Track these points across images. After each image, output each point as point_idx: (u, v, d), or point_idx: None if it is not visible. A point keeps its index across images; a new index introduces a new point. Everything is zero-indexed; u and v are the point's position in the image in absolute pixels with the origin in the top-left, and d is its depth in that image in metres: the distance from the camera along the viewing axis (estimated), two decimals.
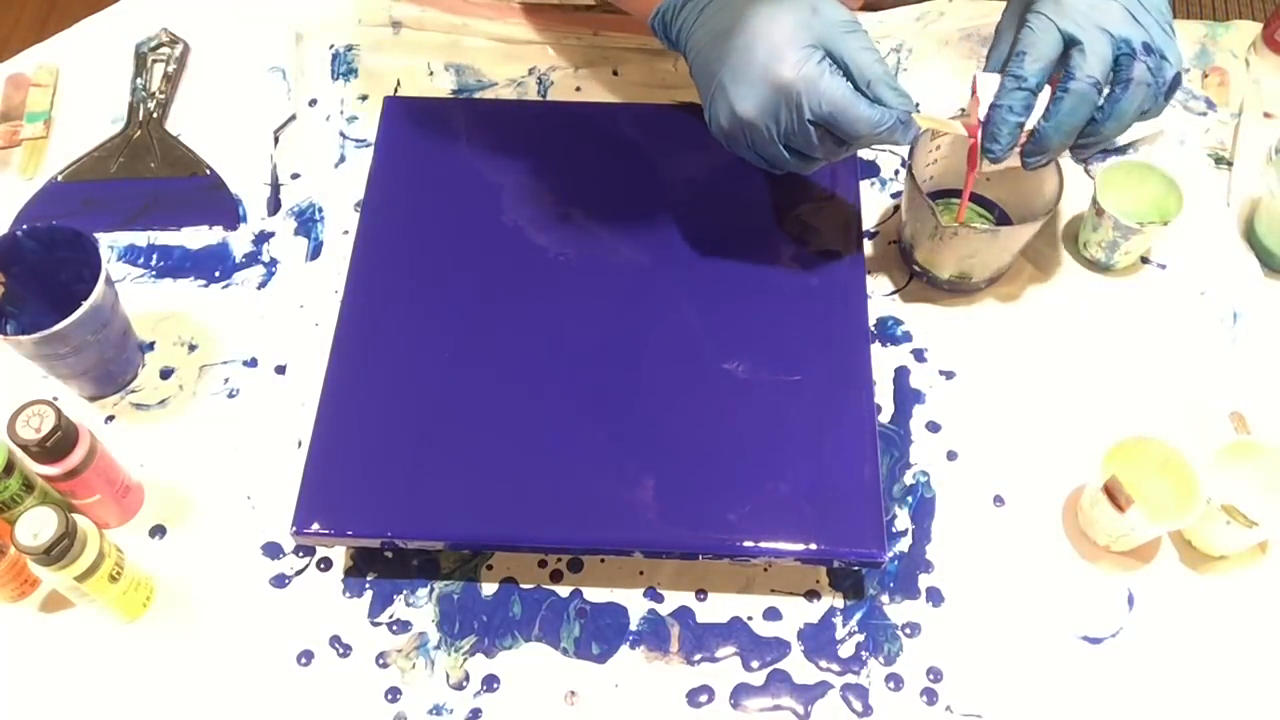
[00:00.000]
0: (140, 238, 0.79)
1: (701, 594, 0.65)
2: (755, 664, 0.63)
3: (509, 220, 0.73)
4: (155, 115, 0.84)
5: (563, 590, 0.66)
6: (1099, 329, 0.75)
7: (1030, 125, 0.62)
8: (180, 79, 0.87)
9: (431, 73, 0.87)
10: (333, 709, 0.62)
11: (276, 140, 0.84)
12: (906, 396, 0.72)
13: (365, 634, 0.64)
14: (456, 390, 0.66)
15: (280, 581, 0.66)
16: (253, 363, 0.74)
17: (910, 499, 0.68)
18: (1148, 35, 0.60)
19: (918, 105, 0.62)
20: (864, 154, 0.82)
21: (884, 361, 0.73)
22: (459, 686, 0.63)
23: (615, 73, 0.87)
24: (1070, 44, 0.60)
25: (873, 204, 0.80)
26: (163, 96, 0.85)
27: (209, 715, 0.62)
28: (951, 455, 0.70)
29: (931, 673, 0.63)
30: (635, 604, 0.65)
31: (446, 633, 0.64)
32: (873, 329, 0.74)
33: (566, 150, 0.76)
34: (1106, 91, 0.61)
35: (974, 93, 0.64)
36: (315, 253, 0.79)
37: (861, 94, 0.61)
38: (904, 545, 0.67)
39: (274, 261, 0.78)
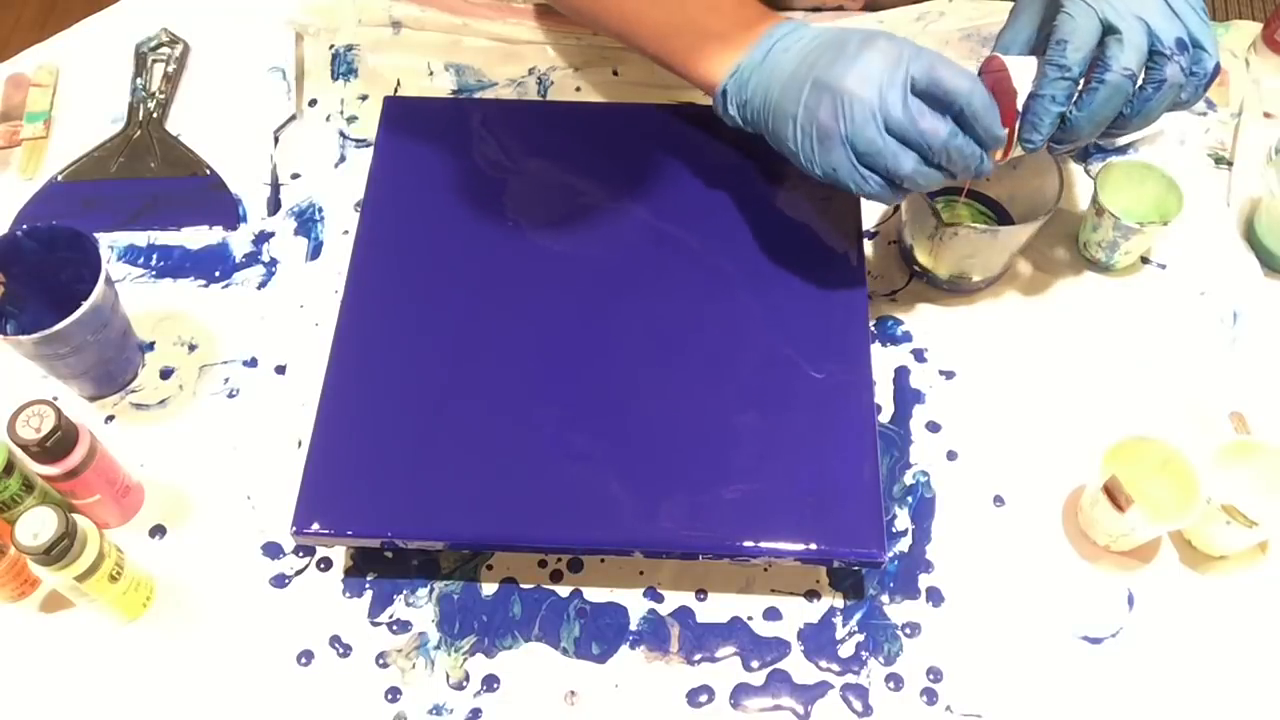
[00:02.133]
0: (140, 238, 0.79)
1: (701, 594, 0.65)
2: (755, 664, 0.63)
3: (509, 220, 0.73)
4: (155, 115, 0.84)
5: (563, 590, 0.66)
6: (1099, 329, 0.75)
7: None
8: (180, 79, 0.87)
9: (431, 73, 0.87)
10: (333, 709, 0.62)
11: (276, 140, 0.84)
12: (906, 396, 0.72)
13: (365, 634, 0.64)
14: (456, 390, 0.66)
15: (280, 581, 0.66)
16: (253, 363, 0.74)
17: (910, 499, 0.68)
18: (1184, 27, 0.59)
19: None
20: None
21: (884, 361, 0.73)
22: (459, 686, 0.63)
23: (615, 73, 0.87)
24: (1108, 32, 0.58)
25: (873, 204, 0.80)
26: (163, 96, 0.85)
27: (209, 715, 0.62)
28: (951, 455, 0.70)
29: (931, 673, 0.63)
30: (635, 604, 0.65)
31: (446, 633, 0.64)
32: (873, 329, 0.74)
33: (566, 150, 0.76)
34: (1140, 89, 0.60)
35: (997, 81, 0.61)
36: (315, 253, 0.79)
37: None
38: (904, 545, 0.67)
39: (274, 261, 0.78)
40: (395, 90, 0.86)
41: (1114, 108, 0.60)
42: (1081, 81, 0.59)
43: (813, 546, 0.61)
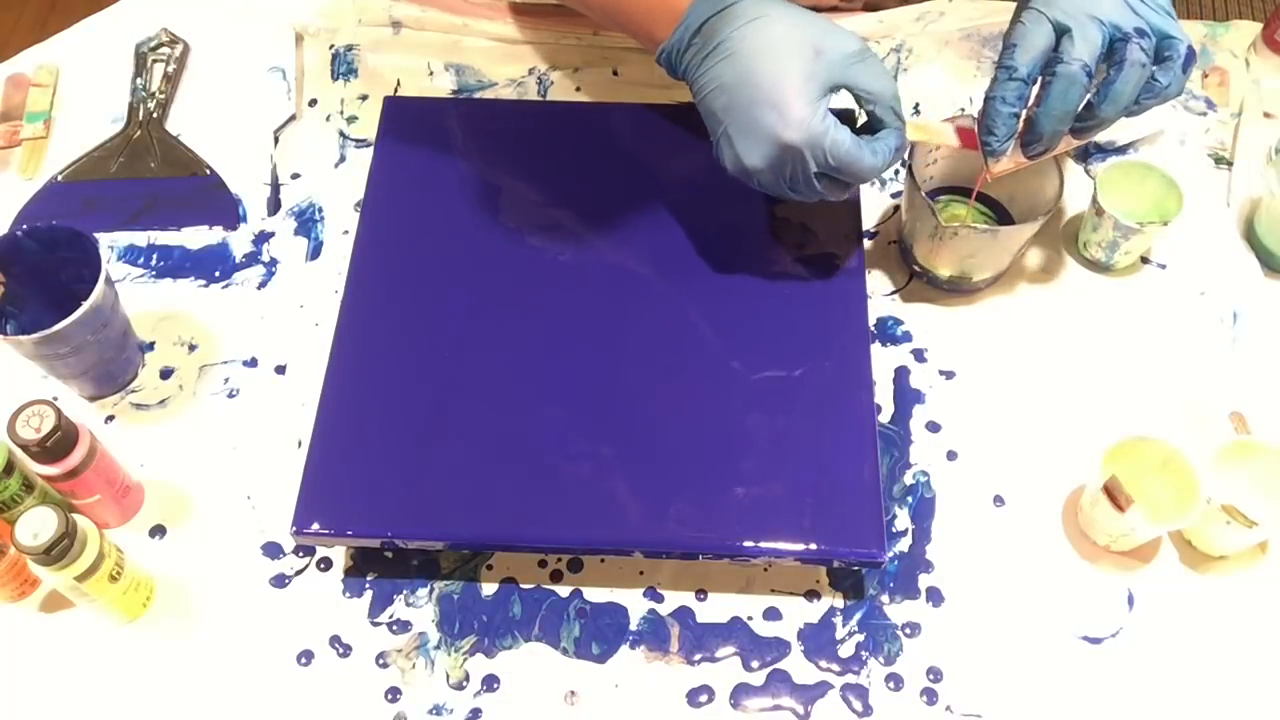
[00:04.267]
0: (140, 238, 0.79)
1: (701, 594, 0.65)
2: (755, 664, 0.63)
3: (509, 220, 0.73)
4: (155, 115, 0.84)
5: (563, 590, 0.66)
6: (1099, 329, 0.75)
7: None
8: (180, 79, 0.87)
9: (431, 73, 0.87)
10: (333, 709, 0.62)
11: (276, 140, 0.84)
12: (906, 396, 0.72)
13: (365, 634, 0.64)
14: (456, 390, 0.66)
15: (280, 581, 0.66)
16: (253, 363, 0.74)
17: (910, 499, 0.68)
18: (1143, 21, 0.60)
19: (916, 107, 0.62)
20: None
21: (884, 361, 0.73)
22: (459, 686, 0.63)
23: (615, 73, 0.87)
24: (1061, 33, 0.60)
25: (873, 204, 0.80)
26: (163, 96, 0.85)
27: (209, 715, 0.62)
28: (951, 455, 0.70)
29: (931, 673, 0.63)
30: (635, 604, 0.65)
31: (446, 633, 0.64)
32: (873, 329, 0.74)
33: (566, 150, 0.76)
34: (1102, 76, 0.61)
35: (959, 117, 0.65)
36: (315, 253, 0.79)
37: (868, 129, 0.62)
38: (904, 545, 0.67)
39: (274, 261, 0.78)
40: (395, 90, 0.86)
41: (1072, 100, 0.61)
42: (1038, 83, 0.61)
43: (813, 546, 0.61)
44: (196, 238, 0.79)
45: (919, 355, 0.74)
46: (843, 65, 0.60)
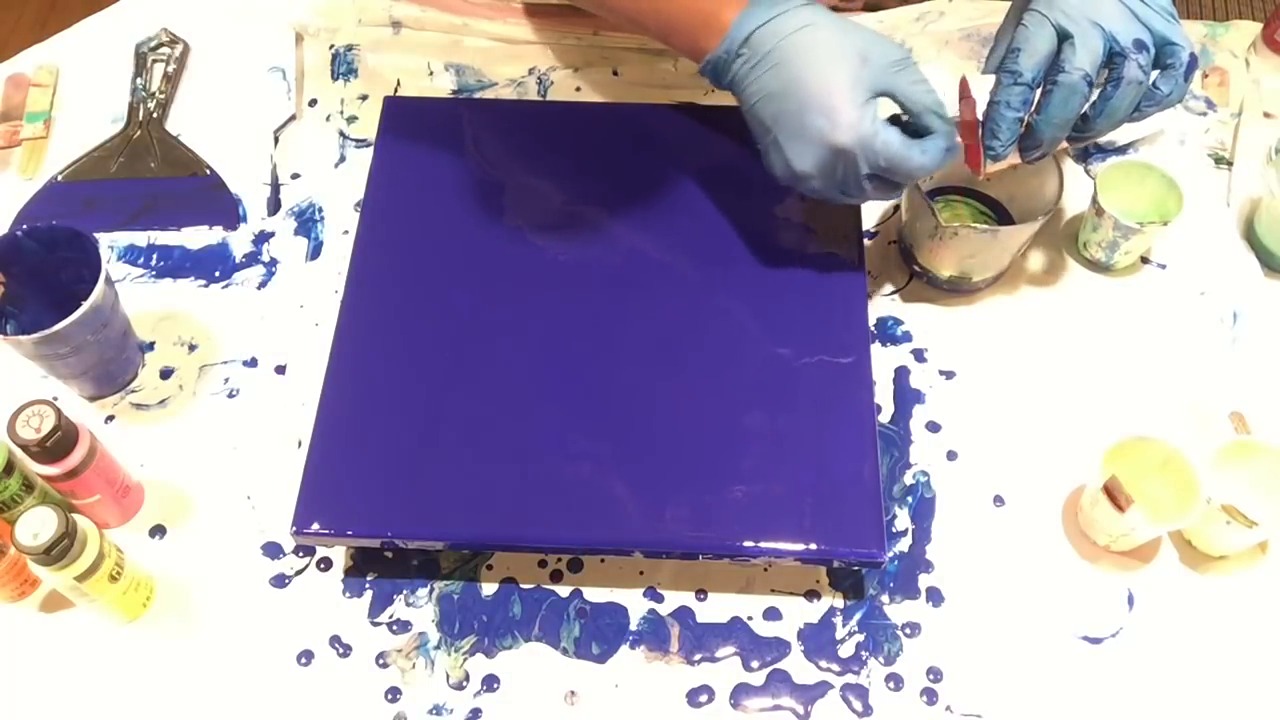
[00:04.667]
0: (140, 238, 0.79)
1: (701, 594, 0.65)
2: (755, 664, 0.63)
3: (509, 220, 0.73)
4: (155, 115, 0.84)
5: (563, 590, 0.66)
6: (1099, 329, 0.75)
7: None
8: (180, 79, 0.87)
9: (431, 73, 0.87)
10: (333, 709, 0.62)
11: (276, 140, 0.84)
12: (906, 396, 0.72)
13: (365, 634, 0.64)
14: (456, 390, 0.66)
15: (280, 581, 0.66)
16: (253, 363, 0.74)
17: (910, 499, 0.68)
18: (1145, 29, 0.60)
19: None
20: None
21: (884, 361, 0.73)
22: (459, 686, 0.63)
23: (615, 73, 0.87)
24: (1063, 38, 0.60)
25: (873, 204, 0.80)
26: (163, 96, 0.85)
27: (209, 715, 0.62)
28: (951, 455, 0.70)
29: (931, 673, 0.63)
30: (635, 604, 0.65)
31: (446, 633, 0.64)
32: (873, 329, 0.74)
33: (566, 150, 0.76)
34: (1100, 90, 0.61)
35: (964, 95, 0.65)
36: (315, 253, 0.79)
37: (912, 133, 0.63)
38: (904, 545, 0.67)
39: (274, 261, 0.78)
40: (395, 90, 0.86)
41: (1072, 109, 0.61)
42: (1040, 89, 0.61)
43: (813, 546, 0.61)
44: (196, 238, 0.79)
45: (919, 355, 0.74)
46: (888, 72, 0.61)
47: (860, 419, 0.64)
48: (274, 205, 0.81)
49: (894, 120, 0.64)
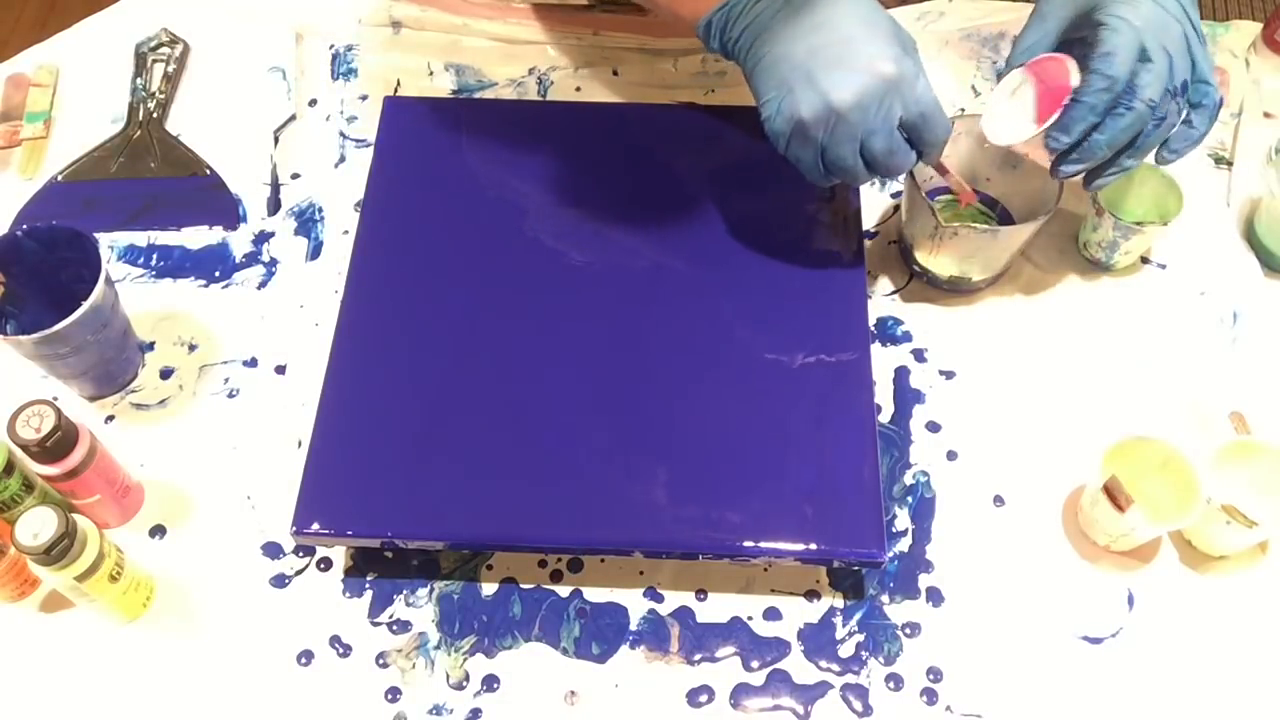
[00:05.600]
0: (140, 238, 0.79)
1: (701, 594, 0.65)
2: (755, 664, 0.63)
3: (508, 220, 0.73)
4: (155, 115, 0.84)
5: (563, 590, 0.66)
6: (1099, 329, 0.75)
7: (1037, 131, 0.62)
8: (180, 79, 0.87)
9: (431, 73, 0.87)
10: (333, 709, 0.62)
11: (276, 140, 0.84)
12: (906, 396, 0.72)
13: (365, 634, 0.64)
14: (456, 390, 0.66)
15: (280, 581, 0.66)
16: (253, 363, 0.74)
17: (910, 499, 0.68)
18: (1198, 66, 0.60)
19: None
20: None
21: (884, 361, 0.73)
22: (459, 686, 0.63)
23: (615, 73, 0.87)
24: (1141, 58, 0.59)
25: (873, 204, 0.80)
26: (163, 96, 0.85)
27: (209, 715, 0.62)
28: (951, 455, 0.70)
29: (931, 673, 0.63)
30: (635, 604, 0.65)
31: (446, 633, 0.64)
32: (873, 329, 0.74)
33: (566, 150, 0.76)
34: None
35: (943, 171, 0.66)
36: (315, 253, 0.79)
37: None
38: (904, 545, 0.67)
39: (274, 261, 0.78)
40: (395, 90, 0.86)
41: (1129, 136, 0.60)
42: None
43: (813, 546, 0.61)
44: (196, 238, 0.79)
45: (919, 355, 0.74)
46: (911, 45, 0.61)
47: (860, 419, 0.64)
48: (274, 205, 0.81)
49: None
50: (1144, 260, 0.78)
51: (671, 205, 0.73)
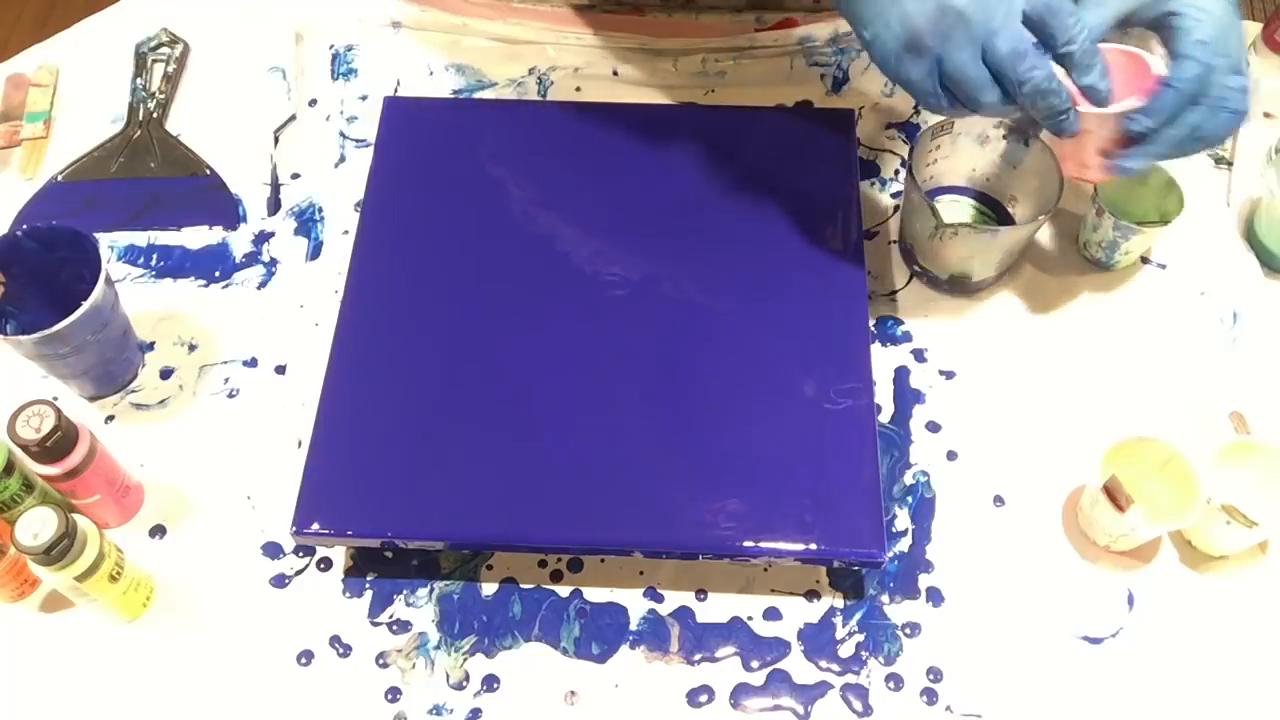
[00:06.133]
0: (140, 238, 0.79)
1: (701, 594, 0.65)
2: (755, 664, 0.63)
3: (508, 220, 0.73)
4: (155, 115, 0.84)
5: (563, 590, 0.66)
6: (1099, 329, 0.75)
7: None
8: (180, 79, 0.87)
9: (431, 73, 0.87)
10: (333, 709, 0.62)
11: (276, 140, 0.84)
12: (906, 396, 0.72)
13: (365, 634, 0.64)
14: (456, 390, 0.66)
15: (280, 581, 0.66)
16: (253, 363, 0.74)
17: (910, 499, 0.68)
18: (1240, 75, 0.58)
19: (916, 107, 0.59)
20: (864, 154, 0.82)
21: (884, 361, 0.73)
22: (459, 686, 0.63)
23: (615, 73, 0.87)
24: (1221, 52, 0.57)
25: (873, 204, 0.80)
26: (163, 96, 0.85)
27: (209, 715, 0.62)
28: (951, 455, 0.70)
29: (931, 673, 0.63)
30: (635, 604, 0.65)
31: (446, 633, 0.64)
32: (873, 329, 0.74)
33: (566, 150, 0.76)
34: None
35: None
36: (315, 253, 0.79)
37: None
38: (904, 545, 0.67)
39: (274, 261, 0.78)
40: (395, 90, 0.86)
41: (1191, 132, 0.58)
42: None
43: (813, 547, 0.61)
44: (196, 238, 0.79)
45: (919, 355, 0.74)
46: None
47: (860, 419, 0.64)
48: (274, 205, 0.81)
49: None
50: (1144, 260, 0.78)
51: (671, 206, 0.73)
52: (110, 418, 0.72)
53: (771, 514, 0.61)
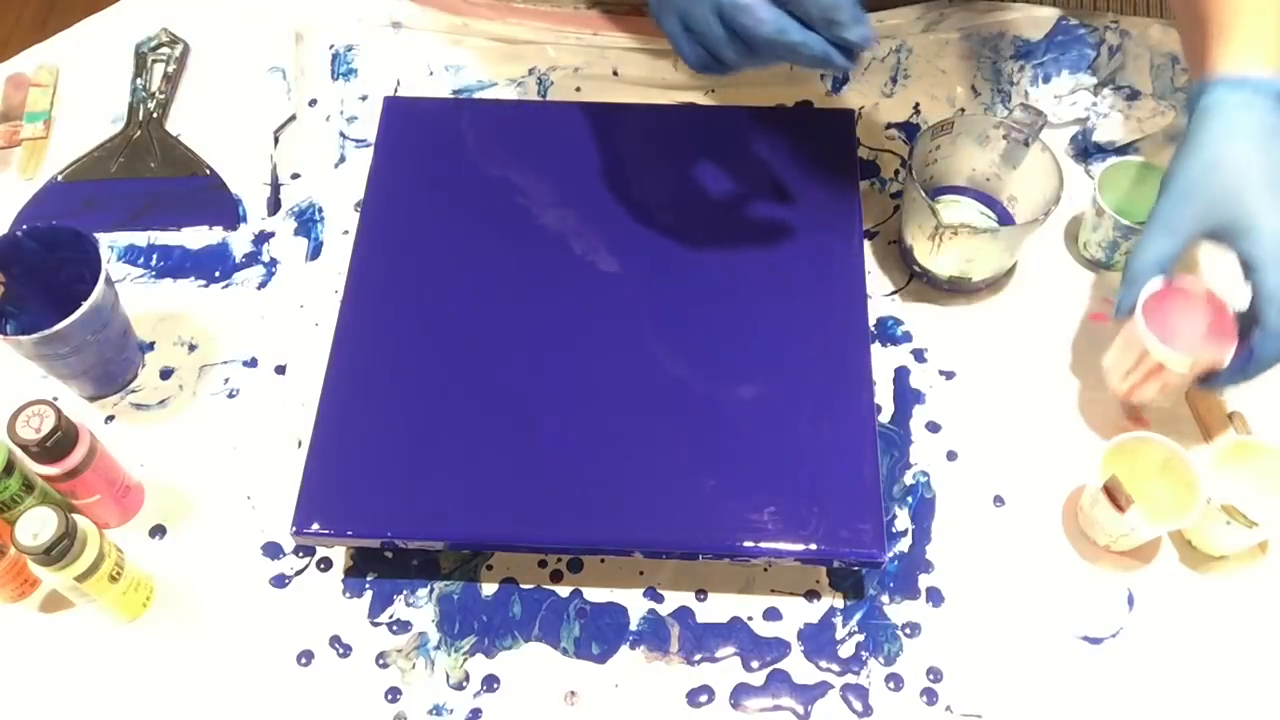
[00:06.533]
0: (140, 238, 0.79)
1: (701, 594, 0.65)
2: (755, 664, 0.63)
3: (508, 220, 0.73)
4: (155, 115, 0.84)
5: (563, 590, 0.66)
6: (1099, 329, 0.75)
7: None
8: (180, 79, 0.87)
9: (431, 73, 0.87)
10: (333, 709, 0.62)
11: (276, 140, 0.84)
12: (906, 396, 0.72)
13: (365, 634, 0.64)
14: (456, 390, 0.66)
15: (280, 581, 0.66)
16: (253, 363, 0.74)
17: (910, 499, 0.68)
18: None
19: (917, 107, 0.59)
20: (864, 154, 0.82)
21: (884, 361, 0.73)
22: (459, 686, 0.63)
23: (615, 73, 0.87)
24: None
25: (873, 204, 0.80)
26: (163, 96, 0.85)
27: (209, 715, 0.62)
28: (951, 455, 0.70)
29: (931, 673, 0.63)
30: (635, 604, 0.65)
31: (446, 633, 0.64)
32: (873, 329, 0.74)
33: (566, 150, 0.76)
34: None
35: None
36: (315, 253, 0.79)
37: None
38: (904, 545, 0.67)
39: (274, 261, 0.78)
40: (395, 90, 0.86)
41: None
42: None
43: (813, 547, 0.61)
44: (196, 238, 0.79)
45: (919, 355, 0.74)
46: None
47: (860, 419, 0.64)
48: (274, 205, 0.81)
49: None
50: None
51: (671, 206, 0.73)
52: (110, 418, 0.72)
53: (771, 514, 0.61)
